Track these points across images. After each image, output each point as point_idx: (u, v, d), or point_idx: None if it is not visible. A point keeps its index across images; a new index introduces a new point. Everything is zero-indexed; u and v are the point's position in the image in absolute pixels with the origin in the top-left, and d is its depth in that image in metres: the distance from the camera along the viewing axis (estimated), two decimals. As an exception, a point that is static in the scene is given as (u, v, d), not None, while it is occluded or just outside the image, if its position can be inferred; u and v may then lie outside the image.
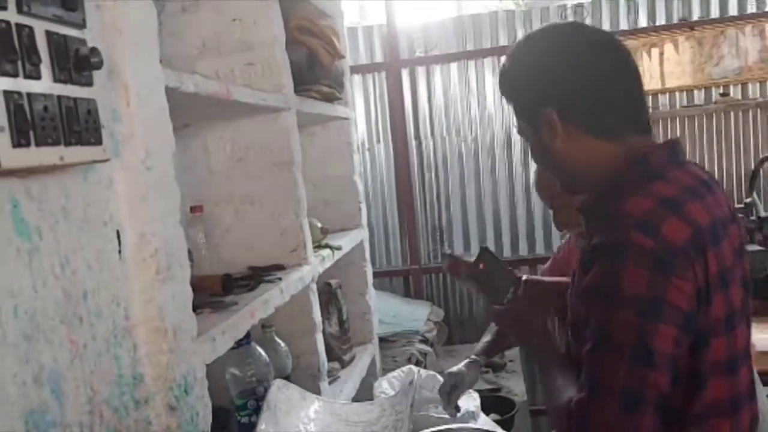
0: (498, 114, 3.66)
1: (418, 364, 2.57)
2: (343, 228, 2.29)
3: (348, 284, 2.29)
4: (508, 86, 1.08)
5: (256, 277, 1.37)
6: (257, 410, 1.23)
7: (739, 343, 0.96)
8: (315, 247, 1.76)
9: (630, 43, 3.49)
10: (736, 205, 2.90)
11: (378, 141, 3.77)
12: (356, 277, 2.34)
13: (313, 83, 1.88)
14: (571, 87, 0.99)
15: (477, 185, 3.73)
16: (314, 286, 1.57)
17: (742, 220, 2.54)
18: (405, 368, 1.83)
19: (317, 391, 1.53)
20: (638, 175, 0.95)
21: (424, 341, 2.77)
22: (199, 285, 1.28)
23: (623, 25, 3.55)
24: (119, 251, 0.82)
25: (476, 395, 1.76)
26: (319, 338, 1.57)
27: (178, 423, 0.85)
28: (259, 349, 1.33)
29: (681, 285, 0.86)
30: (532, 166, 3.72)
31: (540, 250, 3.71)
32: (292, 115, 1.57)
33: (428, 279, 3.77)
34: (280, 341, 1.46)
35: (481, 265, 1.24)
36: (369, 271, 2.40)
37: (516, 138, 3.64)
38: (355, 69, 3.64)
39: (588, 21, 3.57)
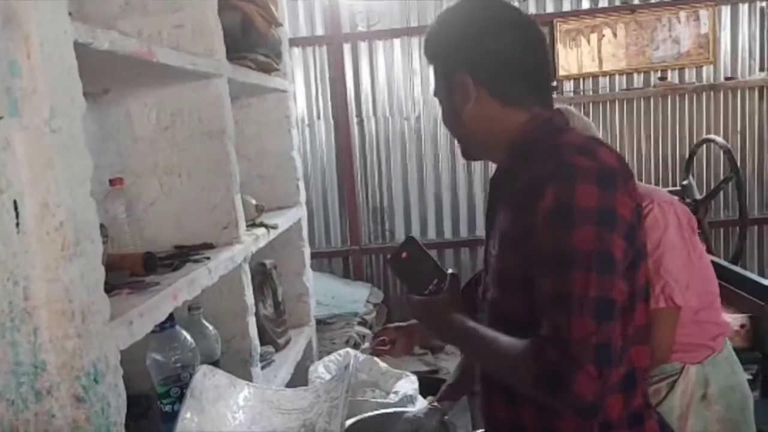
0: (441, 93, 3.62)
1: (356, 346, 2.54)
2: (279, 206, 2.21)
3: (284, 265, 2.22)
4: (431, 48, 1.15)
5: (182, 255, 1.29)
6: (181, 398, 1.16)
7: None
8: (249, 226, 1.68)
9: (572, 25, 3.52)
10: (672, 188, 2.98)
11: (318, 117, 3.69)
12: (293, 257, 2.27)
13: (248, 51, 1.78)
14: (486, 55, 1.07)
15: (419, 166, 3.70)
16: (246, 267, 1.50)
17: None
18: (342, 351, 1.79)
19: (249, 377, 1.47)
20: (547, 132, 1.05)
21: (363, 323, 2.73)
22: (118, 264, 1.19)
23: (566, 7, 3.57)
24: (17, 223, 0.73)
25: (414, 378, 1.73)
26: (251, 321, 1.50)
27: (86, 415, 0.77)
28: (184, 333, 1.25)
29: (624, 200, 0.95)
30: None
31: (480, 231, 3.72)
32: (224, 82, 1.47)
33: (368, 260, 3.74)
34: (208, 324, 1.39)
35: (404, 254, 1.17)
36: (307, 251, 2.34)
37: (459, 118, 3.62)
38: (295, 41, 3.54)
39: (532, 0, 3.58)
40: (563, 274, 0.91)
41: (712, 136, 3.08)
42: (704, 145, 3.26)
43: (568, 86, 3.59)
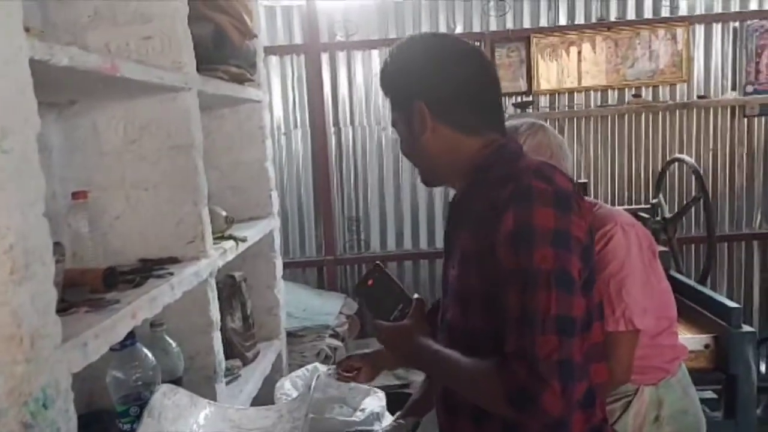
0: (419, 104, 3.63)
1: (327, 359, 2.53)
2: (252, 217, 2.20)
3: (255, 277, 2.20)
4: (387, 80, 1.19)
5: (146, 270, 1.27)
6: (140, 417, 1.14)
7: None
8: (217, 238, 1.67)
9: (549, 40, 3.55)
10: (643, 206, 3.01)
11: (295, 126, 3.67)
12: (264, 269, 2.25)
13: (221, 62, 1.78)
14: (441, 85, 1.12)
15: (396, 176, 3.70)
16: (213, 282, 1.48)
17: (648, 220, 2.63)
18: (310, 366, 1.77)
19: (213, 394, 1.45)
20: (503, 157, 1.11)
21: (335, 336, 2.72)
22: (78, 279, 1.17)
23: (543, 22, 3.60)
24: (-37, 246, 0.72)
25: (382, 395, 1.73)
26: (216, 337, 1.48)
27: (33, 442, 0.76)
28: (145, 351, 1.23)
29: (578, 222, 1.01)
30: None
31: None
32: (193, 95, 1.46)
33: (343, 270, 3.72)
34: (170, 341, 1.37)
35: (370, 282, 1.20)
36: (278, 263, 2.32)
37: (436, 129, 3.63)
38: (273, 50, 3.53)
39: (509, 15, 3.61)
40: (527, 293, 0.95)
41: (681, 156, 3.13)
42: (675, 164, 3.31)
43: (544, 101, 3.62)
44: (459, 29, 3.60)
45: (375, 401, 1.70)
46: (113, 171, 1.48)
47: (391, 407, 1.78)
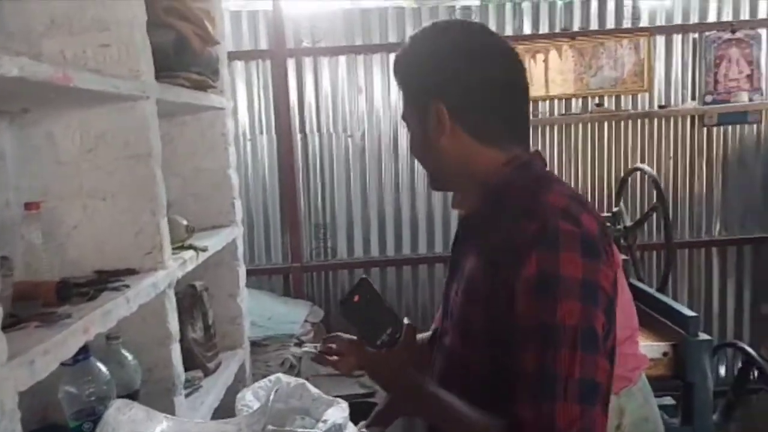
0: (386, 112, 3.66)
1: (292, 368, 2.52)
2: (214, 225, 2.18)
3: (217, 285, 2.18)
4: (403, 71, 1.08)
5: (101, 283, 1.25)
6: (94, 433, 1.12)
7: None
8: (177, 248, 1.65)
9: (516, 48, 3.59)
10: (604, 214, 3.07)
11: (261, 132, 3.66)
12: (227, 278, 2.24)
13: (182, 70, 1.76)
14: (465, 86, 1.00)
15: (362, 183, 3.71)
16: (171, 293, 1.47)
17: (609, 229, 2.69)
18: (273, 377, 1.75)
19: (171, 407, 1.43)
20: (525, 178, 0.99)
21: (300, 344, 2.71)
22: (30, 293, 1.15)
23: (508, 31, 3.65)
24: None
25: (345, 405, 1.72)
26: (175, 349, 1.47)
27: (-24, 464, 0.74)
28: (99, 365, 1.21)
29: (606, 272, 0.90)
30: (419, 165, 3.74)
31: (422, 249, 3.75)
32: (152, 103, 1.45)
33: (309, 277, 3.71)
34: (127, 354, 1.35)
35: (355, 298, 1.07)
36: (242, 271, 2.31)
37: (403, 138, 3.65)
38: (238, 55, 3.52)
39: (476, 24, 3.63)
40: (548, 351, 0.85)
41: (642, 165, 3.19)
42: (636, 173, 3.38)
43: (510, 109, 3.66)
44: (425, 37, 3.62)
45: (338, 412, 1.69)
46: (70, 180, 1.45)
47: (355, 418, 1.77)
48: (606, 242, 0.93)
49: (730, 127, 3.75)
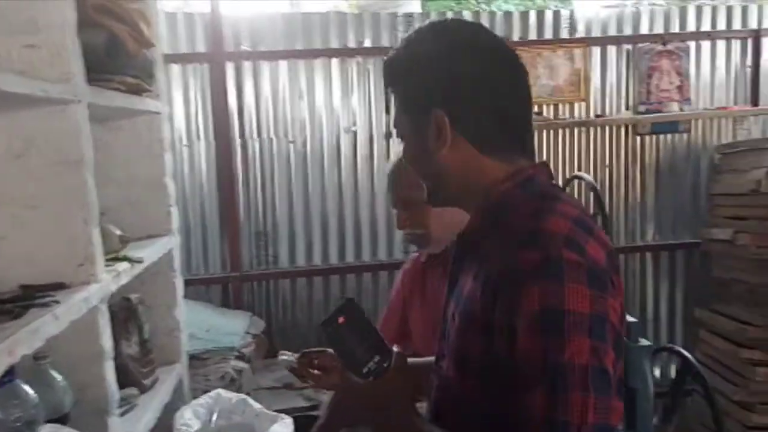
0: (329, 118, 3.63)
1: (232, 382, 2.46)
2: (150, 234, 2.11)
3: (153, 297, 2.11)
4: (397, 75, 1.00)
5: (27, 299, 1.18)
6: (20, 461, 1.06)
7: None
8: (110, 260, 1.59)
9: (457, 56, 3.64)
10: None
11: (198, 138, 3.56)
12: (164, 289, 2.16)
13: (115, 73, 1.70)
14: (468, 93, 0.94)
15: (305, 190, 3.67)
16: (104, 308, 1.40)
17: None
18: (213, 393, 1.71)
19: (104, 429, 1.37)
20: (528, 196, 0.93)
21: (241, 357, 2.65)
22: (-51, 311, 1.07)
23: (451, 39, 3.68)
24: None
25: (289, 421, 1.69)
26: (109, 367, 1.40)
27: None
28: (26, 388, 1.14)
29: (614, 305, 0.84)
30: (362, 172, 3.77)
31: (366, 257, 3.74)
32: (83, 108, 1.38)
33: (249, 287, 3.64)
34: (56, 374, 1.28)
35: (340, 320, 0.99)
36: (179, 282, 2.24)
37: (345, 144, 3.64)
38: (174, 58, 3.42)
39: (418, 31, 3.66)
40: (558, 394, 0.78)
41: (581, 174, 3.28)
42: (575, 181, 3.47)
43: (452, 116, 3.70)
44: (368, 43, 3.63)
45: (282, 428, 1.66)
46: (-3, 188, 1.37)
47: None
48: (613, 272, 0.87)
49: (662, 136, 3.90)
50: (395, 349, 1.02)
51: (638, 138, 3.89)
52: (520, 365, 0.81)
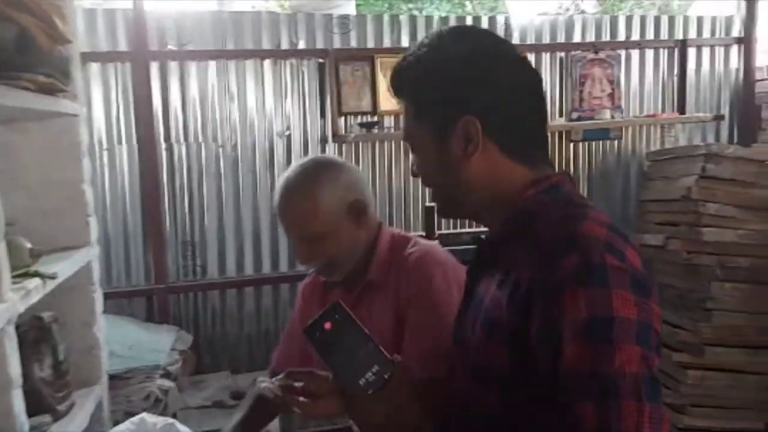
0: (261, 122, 3.53)
1: (157, 402, 2.33)
2: (66, 246, 1.97)
3: (69, 314, 1.97)
4: (416, 83, 0.96)
5: None
6: None
7: None
8: (19, 276, 1.46)
9: (394, 61, 3.61)
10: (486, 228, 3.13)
11: (120, 141, 3.39)
12: (81, 305, 2.03)
13: (26, 70, 1.57)
14: (498, 97, 0.93)
15: (235, 196, 3.55)
16: (12, 330, 1.28)
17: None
18: (136, 419, 1.60)
19: (12, 464, 1.24)
20: (558, 202, 0.92)
21: (167, 375, 2.52)
22: None
23: (386, 42, 3.66)
24: None
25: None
26: (16, 395, 1.28)
27: None
28: None
29: (657, 310, 0.83)
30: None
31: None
32: (-13, 109, 1.26)
33: (176, 299, 3.49)
34: (-47, 408, 1.15)
35: (326, 325, 0.91)
36: (98, 297, 2.10)
37: (279, 149, 3.55)
38: (93, 56, 3.25)
39: (353, 34, 3.63)
40: (610, 403, 0.75)
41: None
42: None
43: (388, 121, 3.68)
44: (302, 45, 3.56)
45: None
46: None
47: None
48: (650, 278, 0.86)
49: (594, 143, 3.99)
50: (396, 357, 0.94)
51: (571, 145, 3.97)
52: (565, 375, 0.77)
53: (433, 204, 2.93)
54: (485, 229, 3.07)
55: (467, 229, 3.49)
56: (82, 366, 2.02)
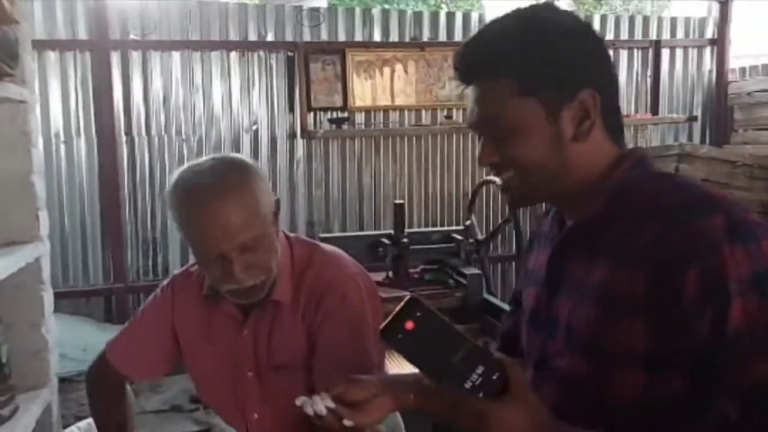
0: (227, 115, 3.45)
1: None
2: (13, 241, 1.87)
3: (15, 314, 1.86)
4: (533, 54, 0.87)
5: None
6: None
7: None
8: (-44, 271, 1.37)
9: (365, 56, 3.57)
10: (455, 227, 3.10)
11: (78, 134, 3.28)
12: (27, 304, 1.92)
13: (-34, 50, 1.48)
14: (610, 71, 0.90)
15: (199, 192, 3.46)
16: (-58, 329, 1.19)
17: (463, 243, 2.71)
18: (83, 423, 1.52)
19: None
20: (649, 174, 0.90)
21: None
22: None
23: (358, 37, 3.62)
24: None
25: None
26: (-53, 400, 1.19)
27: None
28: None
29: None
30: (281, 175, 3.56)
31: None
32: None
33: (136, 299, 3.39)
34: None
35: (408, 325, 0.78)
36: (48, 296, 2.00)
37: (245, 143, 3.47)
38: (51, 44, 3.15)
39: (324, 27, 3.57)
40: None
41: (491, 178, 3.27)
42: (486, 185, 3.47)
43: (360, 118, 3.63)
44: (270, 37, 3.49)
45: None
46: None
47: None
48: None
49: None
50: (502, 356, 0.81)
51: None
52: (736, 335, 0.75)
53: (401, 201, 2.90)
54: (457, 227, 3.01)
55: (438, 228, 3.47)
56: (29, 369, 1.91)
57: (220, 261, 1.17)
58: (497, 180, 2.49)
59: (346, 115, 3.55)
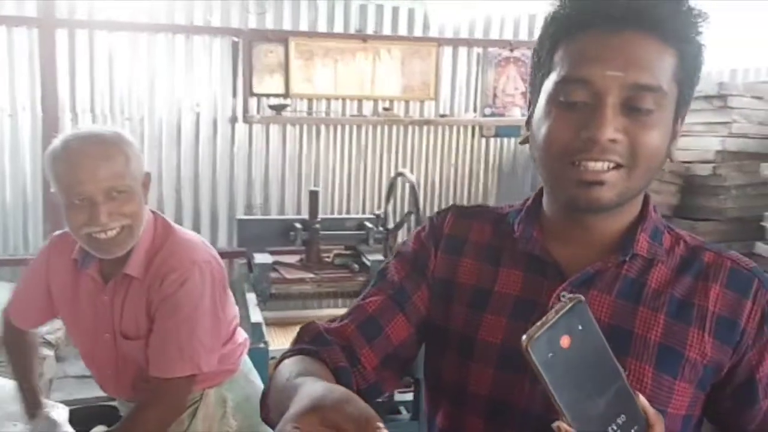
0: (170, 97, 3.62)
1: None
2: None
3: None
4: (695, 29, 0.77)
5: None
6: None
7: None
8: None
9: (308, 45, 3.74)
10: (368, 215, 3.25)
11: (24, 108, 3.44)
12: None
13: None
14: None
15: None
16: None
17: (372, 231, 2.90)
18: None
19: None
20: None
21: (46, 344, 2.62)
22: None
23: (303, 26, 3.78)
24: None
25: (65, 410, 1.72)
26: None
27: None
28: None
29: None
30: (203, 156, 3.68)
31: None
32: None
33: (75, 270, 3.56)
34: None
35: (564, 342, 0.60)
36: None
37: (188, 125, 3.64)
38: (-4, 19, 3.29)
39: (269, 15, 3.72)
40: None
41: (404, 171, 3.40)
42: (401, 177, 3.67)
43: (302, 106, 3.81)
44: (216, 23, 3.65)
45: (56, 413, 1.70)
46: None
47: (101, 421, 1.77)
48: None
49: (506, 139, 4.21)
50: (640, 396, 0.66)
51: (483, 140, 4.17)
52: None
53: (316, 189, 3.04)
54: (370, 216, 3.19)
55: (351, 215, 3.67)
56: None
57: (87, 206, 1.32)
58: (408, 174, 2.61)
59: (287, 101, 3.72)
